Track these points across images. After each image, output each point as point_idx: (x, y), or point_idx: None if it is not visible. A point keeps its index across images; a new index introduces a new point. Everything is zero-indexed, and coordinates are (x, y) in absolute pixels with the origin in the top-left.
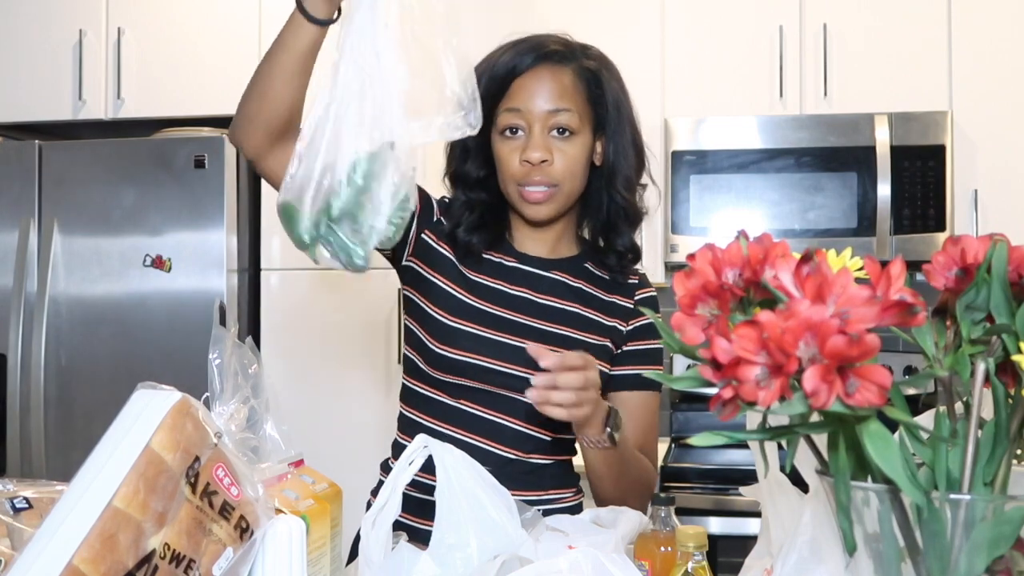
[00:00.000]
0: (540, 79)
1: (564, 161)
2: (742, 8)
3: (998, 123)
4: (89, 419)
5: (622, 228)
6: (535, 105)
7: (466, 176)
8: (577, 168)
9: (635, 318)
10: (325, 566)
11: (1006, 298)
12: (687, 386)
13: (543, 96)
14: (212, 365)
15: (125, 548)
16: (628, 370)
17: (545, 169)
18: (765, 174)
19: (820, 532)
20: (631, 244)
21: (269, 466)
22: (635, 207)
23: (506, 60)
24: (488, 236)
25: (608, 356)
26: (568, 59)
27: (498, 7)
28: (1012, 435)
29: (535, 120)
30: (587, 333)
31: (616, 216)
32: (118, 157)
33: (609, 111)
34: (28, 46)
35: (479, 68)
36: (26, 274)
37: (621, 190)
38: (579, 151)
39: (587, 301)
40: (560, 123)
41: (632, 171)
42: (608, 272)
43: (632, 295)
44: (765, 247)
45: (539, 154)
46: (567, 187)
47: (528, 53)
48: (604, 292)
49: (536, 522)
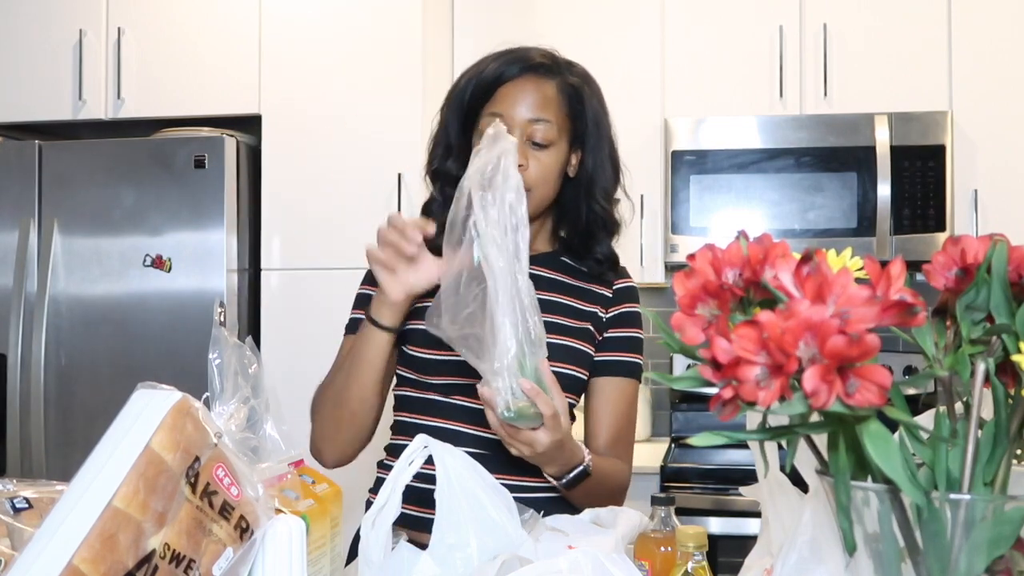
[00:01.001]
0: (524, 89)
1: (538, 168)
2: (742, 8)
3: (998, 123)
4: (89, 419)
5: (600, 236)
6: (517, 112)
7: (446, 173)
8: (550, 176)
9: (614, 306)
10: (325, 566)
11: (1006, 298)
12: (687, 386)
13: (525, 105)
14: (212, 365)
15: (125, 548)
16: (607, 356)
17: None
18: (765, 174)
19: (820, 532)
20: (609, 252)
21: (269, 466)
22: (612, 217)
23: (494, 68)
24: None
25: (590, 338)
26: (553, 73)
27: (498, 7)
28: (1012, 435)
29: (515, 126)
30: (567, 318)
31: (595, 225)
32: (118, 157)
33: (588, 126)
34: (28, 46)
35: (467, 73)
36: (26, 274)
37: (600, 199)
38: (553, 160)
39: (564, 289)
40: (538, 134)
41: (609, 183)
42: (586, 267)
43: (611, 284)
44: (765, 247)
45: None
46: (539, 192)
47: (515, 63)
48: (581, 281)
49: (536, 522)
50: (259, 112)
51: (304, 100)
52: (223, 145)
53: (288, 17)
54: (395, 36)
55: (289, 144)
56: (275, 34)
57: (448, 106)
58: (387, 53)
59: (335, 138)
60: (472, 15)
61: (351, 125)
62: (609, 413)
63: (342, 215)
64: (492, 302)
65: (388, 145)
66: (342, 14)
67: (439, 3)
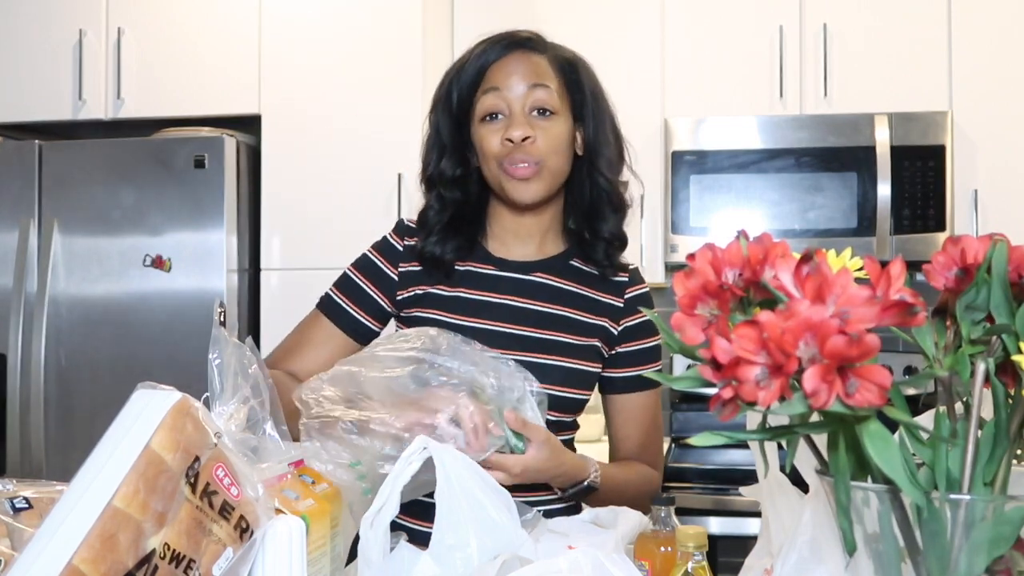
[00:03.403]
0: (516, 61)
1: (546, 138)
2: (742, 8)
3: (998, 123)
4: (89, 419)
5: (606, 213)
6: (512, 84)
7: (441, 174)
8: (560, 146)
9: (626, 317)
10: (325, 566)
11: (1006, 298)
12: (687, 386)
13: (519, 75)
14: (212, 365)
15: (125, 548)
16: (627, 372)
17: (527, 148)
18: (765, 174)
19: (820, 532)
20: (617, 230)
21: (269, 466)
22: (618, 191)
23: (478, 53)
24: (459, 243)
25: (598, 356)
26: (541, 48)
27: (498, 7)
28: (1012, 435)
29: (514, 100)
30: (572, 335)
31: (600, 201)
32: (118, 157)
33: (587, 97)
34: (28, 46)
35: (448, 72)
36: (26, 274)
37: (604, 171)
38: (561, 129)
39: (572, 302)
40: (540, 100)
41: (613, 155)
42: (596, 267)
43: (622, 293)
44: (765, 247)
45: (521, 131)
46: (551, 163)
47: (499, 42)
48: (592, 290)
49: (536, 522)
50: (259, 112)
51: (304, 100)
52: (223, 145)
53: (288, 17)
54: (395, 36)
55: (289, 144)
56: (275, 34)
57: (435, 109)
58: (387, 53)
59: (335, 138)
60: (472, 15)
61: (351, 125)
62: (635, 428)
63: (342, 215)
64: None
65: (388, 145)
66: (342, 14)
67: (439, 3)
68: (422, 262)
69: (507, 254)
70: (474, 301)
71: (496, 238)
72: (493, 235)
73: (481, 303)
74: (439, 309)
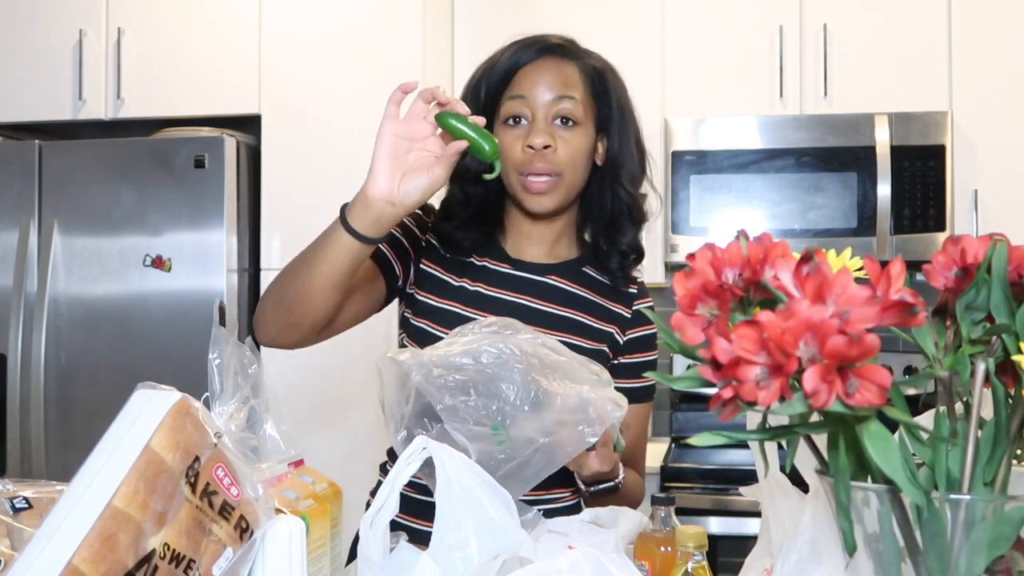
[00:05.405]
0: (544, 69)
1: (567, 149)
2: (742, 8)
3: (998, 123)
4: (89, 419)
5: (625, 226)
6: (539, 92)
7: (466, 170)
8: (580, 158)
9: (632, 328)
10: (325, 566)
11: (1006, 298)
12: (687, 386)
13: (546, 84)
14: (212, 365)
15: (125, 548)
16: (623, 384)
17: (548, 156)
18: (765, 174)
19: (820, 532)
20: (635, 243)
21: (269, 466)
22: (639, 204)
23: (510, 54)
24: (478, 236)
25: (606, 361)
26: (572, 55)
27: (498, 7)
28: (1012, 435)
29: (538, 108)
30: (583, 338)
31: (620, 214)
32: (118, 157)
33: (613, 109)
34: (28, 46)
35: (480, 67)
36: (26, 274)
37: (626, 185)
38: (582, 141)
39: (584, 306)
40: (564, 111)
41: (636, 168)
42: (609, 276)
43: (630, 305)
44: (765, 247)
45: (542, 139)
46: (569, 177)
47: (531, 46)
48: (602, 298)
49: (536, 522)
50: (259, 112)
51: (304, 100)
52: (223, 145)
53: (288, 17)
54: (395, 36)
55: (289, 144)
56: (275, 34)
57: (464, 103)
58: (387, 53)
59: (335, 138)
60: (472, 15)
61: (351, 125)
62: (628, 438)
63: None
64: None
65: None
66: (342, 14)
67: (439, 3)
68: (442, 244)
69: (521, 255)
70: (490, 297)
71: (511, 238)
72: (509, 235)
73: (497, 300)
74: (456, 302)
